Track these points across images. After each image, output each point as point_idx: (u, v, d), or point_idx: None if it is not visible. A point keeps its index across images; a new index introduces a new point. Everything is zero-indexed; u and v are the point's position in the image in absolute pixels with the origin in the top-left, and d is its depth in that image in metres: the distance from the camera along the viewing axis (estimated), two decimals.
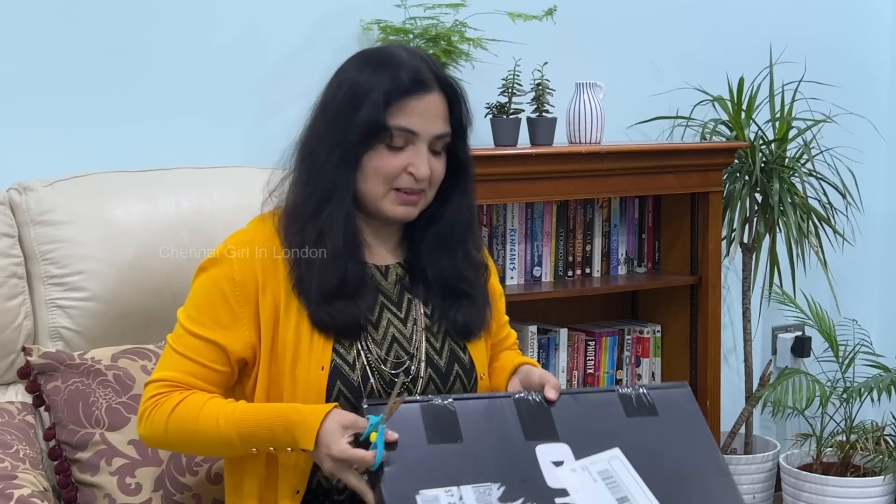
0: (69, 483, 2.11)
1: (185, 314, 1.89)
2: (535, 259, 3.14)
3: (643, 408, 1.88)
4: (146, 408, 1.84)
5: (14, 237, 2.25)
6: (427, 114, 1.84)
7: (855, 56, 3.89)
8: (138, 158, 2.53)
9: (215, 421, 1.79)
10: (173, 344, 1.88)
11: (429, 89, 1.84)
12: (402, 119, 1.82)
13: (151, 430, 1.84)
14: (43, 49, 2.59)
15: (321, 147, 1.86)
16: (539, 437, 1.79)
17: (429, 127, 1.85)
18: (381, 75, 1.83)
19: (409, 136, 1.84)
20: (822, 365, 3.67)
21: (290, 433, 1.74)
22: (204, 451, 2.00)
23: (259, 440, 1.79)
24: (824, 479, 3.44)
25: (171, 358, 1.87)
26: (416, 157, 1.84)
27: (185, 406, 1.82)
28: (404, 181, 1.85)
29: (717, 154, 3.25)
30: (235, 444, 1.79)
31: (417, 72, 1.83)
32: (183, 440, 1.85)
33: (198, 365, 1.85)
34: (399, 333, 1.92)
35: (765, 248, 3.51)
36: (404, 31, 2.89)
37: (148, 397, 1.85)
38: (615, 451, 1.80)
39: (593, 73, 3.14)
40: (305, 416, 1.74)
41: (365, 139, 1.83)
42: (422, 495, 1.67)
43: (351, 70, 1.88)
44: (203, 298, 1.87)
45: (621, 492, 1.75)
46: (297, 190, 1.89)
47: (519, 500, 1.70)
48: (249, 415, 1.79)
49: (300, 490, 1.86)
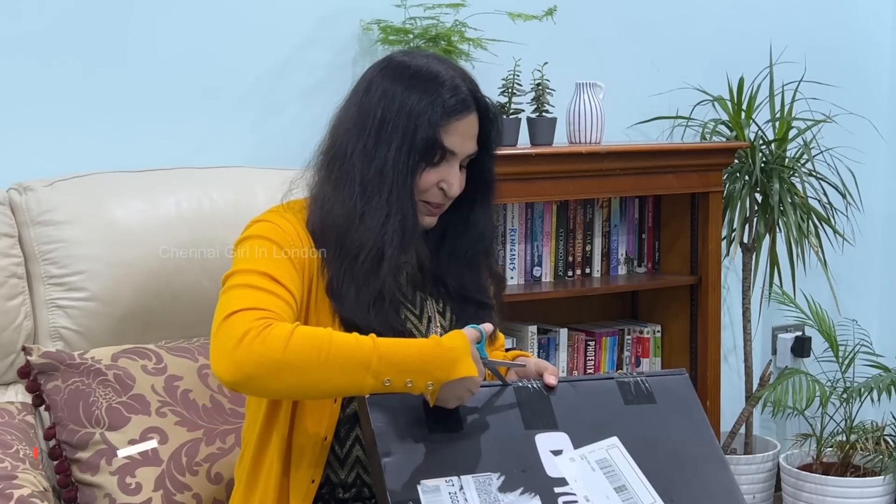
0: (69, 483, 2.11)
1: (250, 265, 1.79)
2: (535, 259, 3.14)
3: (641, 396, 1.90)
4: (252, 328, 1.65)
5: (14, 237, 2.25)
6: (465, 134, 1.89)
7: (855, 56, 3.89)
8: (138, 158, 2.53)
9: (355, 340, 1.69)
10: (244, 282, 1.75)
11: (469, 110, 1.89)
12: (446, 139, 1.87)
13: (263, 348, 1.64)
14: (43, 49, 2.59)
15: (371, 163, 1.85)
16: (538, 426, 1.81)
17: (465, 147, 1.90)
18: (430, 94, 1.86)
19: (449, 156, 1.88)
20: (822, 365, 3.67)
21: (450, 359, 1.69)
22: (325, 378, 1.68)
23: (406, 364, 1.68)
24: (824, 479, 3.44)
25: (248, 294, 1.73)
26: (450, 175, 1.89)
27: (309, 328, 1.70)
28: (435, 195, 1.90)
29: (717, 154, 3.25)
30: (373, 367, 1.67)
31: (459, 91, 1.88)
32: (308, 359, 1.65)
33: (280, 300, 1.75)
34: (416, 330, 1.95)
35: (765, 248, 3.51)
36: (404, 31, 2.89)
37: (254, 319, 1.67)
38: (613, 439, 1.82)
39: (593, 73, 3.14)
40: (458, 342, 1.71)
41: (422, 153, 1.86)
42: (423, 485, 1.69)
43: (395, 85, 1.87)
44: (264, 253, 1.81)
45: (619, 480, 1.78)
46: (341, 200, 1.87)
47: (518, 489, 1.72)
48: (394, 340, 1.72)
49: (315, 479, 1.86)
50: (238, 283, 1.75)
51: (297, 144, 2.24)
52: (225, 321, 1.68)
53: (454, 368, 1.70)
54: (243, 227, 1.93)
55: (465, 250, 1.98)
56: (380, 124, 1.85)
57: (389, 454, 1.72)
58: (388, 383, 1.68)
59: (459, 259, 1.98)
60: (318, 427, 1.86)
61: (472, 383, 1.73)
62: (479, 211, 1.99)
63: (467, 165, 1.93)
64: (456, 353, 1.70)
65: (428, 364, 1.69)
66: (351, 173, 1.86)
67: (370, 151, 1.85)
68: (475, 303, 2.00)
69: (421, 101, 1.85)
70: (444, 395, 1.72)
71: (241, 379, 1.65)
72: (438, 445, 1.75)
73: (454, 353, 1.70)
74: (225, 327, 1.68)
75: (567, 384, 1.89)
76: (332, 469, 1.89)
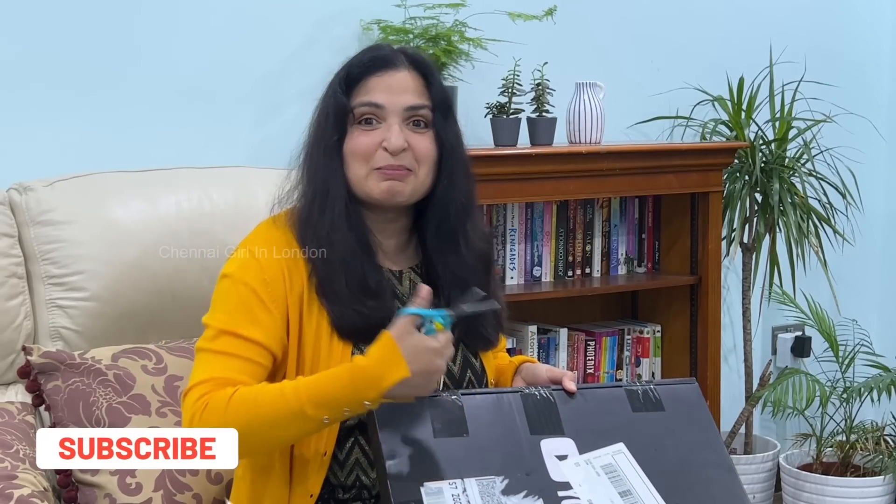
0: (69, 483, 2.11)
1: (216, 318, 1.83)
2: (535, 259, 3.14)
3: (650, 403, 1.90)
4: (196, 409, 1.73)
5: (14, 237, 2.25)
6: (393, 88, 1.85)
7: (855, 56, 3.89)
8: (138, 158, 2.53)
9: (280, 395, 1.71)
10: (208, 347, 1.81)
11: (393, 66, 1.86)
12: (364, 96, 1.85)
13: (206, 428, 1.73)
14: (43, 49, 2.59)
15: (311, 146, 1.89)
16: (544, 432, 1.81)
17: (396, 100, 1.85)
18: (346, 63, 1.88)
19: (375, 110, 1.85)
20: (822, 365, 3.67)
21: (371, 376, 1.67)
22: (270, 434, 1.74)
23: (333, 399, 1.69)
24: (824, 479, 3.44)
25: (209, 360, 1.80)
26: (390, 133, 1.84)
27: (241, 394, 1.73)
28: (381, 158, 1.85)
29: (717, 154, 3.25)
30: (307, 413, 1.69)
31: (379, 50, 1.88)
32: (248, 426, 1.71)
33: (241, 360, 1.78)
34: None
35: (765, 248, 3.51)
36: (404, 31, 2.89)
37: (195, 400, 1.74)
38: (619, 445, 1.82)
39: (593, 73, 3.14)
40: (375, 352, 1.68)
41: (336, 125, 1.85)
42: (426, 487, 1.69)
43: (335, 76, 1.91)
44: (235, 300, 1.83)
45: (624, 485, 1.77)
46: (301, 192, 1.90)
47: (522, 492, 1.72)
48: (314, 380, 1.72)
49: (314, 494, 1.86)
50: (203, 346, 1.82)
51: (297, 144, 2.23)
52: (183, 398, 1.78)
53: (379, 383, 1.67)
54: (243, 228, 1.94)
55: (435, 223, 1.91)
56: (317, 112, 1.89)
57: (394, 456, 1.72)
58: (327, 421, 1.71)
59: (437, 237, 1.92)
60: (318, 443, 1.85)
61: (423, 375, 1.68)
62: (442, 177, 1.90)
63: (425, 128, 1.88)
64: (378, 368, 1.67)
65: (351, 391, 1.68)
66: (304, 164, 1.89)
67: (311, 136, 1.89)
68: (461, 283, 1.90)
69: (338, 72, 1.88)
70: (404, 394, 1.70)
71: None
72: (442, 448, 1.75)
73: (375, 369, 1.67)
74: (183, 406, 1.77)
75: (576, 391, 1.89)
76: (332, 472, 1.89)
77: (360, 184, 1.87)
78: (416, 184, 1.88)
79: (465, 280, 1.91)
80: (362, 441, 1.88)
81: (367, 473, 1.89)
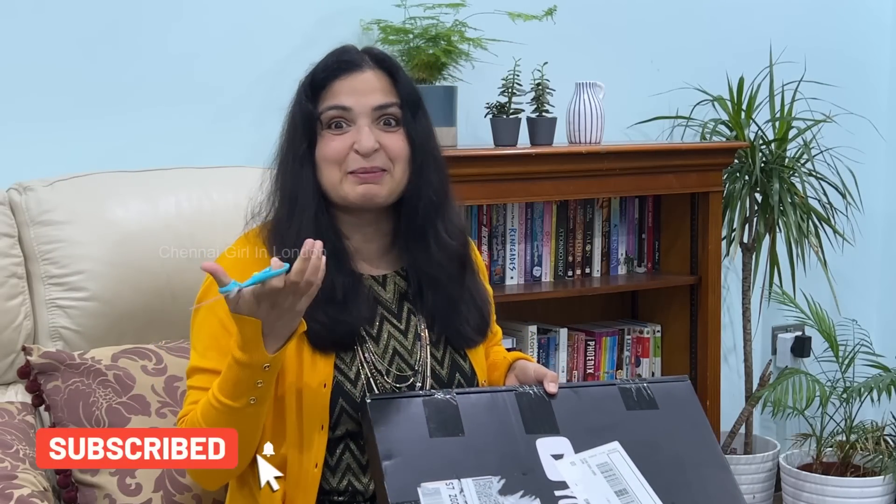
0: (69, 483, 2.11)
1: (192, 356, 1.88)
2: (535, 259, 3.14)
3: (643, 401, 1.90)
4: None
5: (14, 237, 2.25)
6: (358, 90, 1.83)
7: (855, 56, 3.89)
8: (138, 158, 2.53)
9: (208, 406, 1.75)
10: (188, 384, 1.87)
11: (357, 67, 1.85)
12: (331, 100, 1.84)
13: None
14: (43, 49, 2.59)
15: (282, 156, 1.88)
16: (539, 431, 1.81)
17: (363, 101, 1.83)
18: (310, 70, 1.87)
19: (343, 112, 1.83)
20: (822, 365, 3.67)
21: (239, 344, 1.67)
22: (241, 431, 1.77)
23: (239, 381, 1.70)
24: (824, 479, 3.44)
25: (188, 397, 1.86)
26: (360, 135, 1.82)
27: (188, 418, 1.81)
28: (353, 161, 1.83)
29: (717, 154, 3.25)
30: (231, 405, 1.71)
31: (343, 54, 1.86)
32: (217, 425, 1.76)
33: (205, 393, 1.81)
34: (400, 346, 1.91)
35: (765, 248, 3.51)
36: (404, 31, 2.89)
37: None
38: (614, 444, 1.83)
39: (593, 73, 3.14)
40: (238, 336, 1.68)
41: (304, 133, 1.84)
42: (423, 488, 1.70)
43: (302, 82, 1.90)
44: (205, 333, 1.85)
45: (620, 484, 1.78)
46: (272, 202, 1.89)
47: (518, 492, 1.72)
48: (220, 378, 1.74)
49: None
50: (189, 385, 1.87)
51: None
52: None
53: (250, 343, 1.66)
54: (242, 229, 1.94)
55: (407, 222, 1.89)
56: (286, 123, 1.88)
57: (390, 457, 1.72)
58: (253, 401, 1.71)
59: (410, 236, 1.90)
60: (308, 456, 1.84)
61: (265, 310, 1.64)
62: (413, 180, 1.87)
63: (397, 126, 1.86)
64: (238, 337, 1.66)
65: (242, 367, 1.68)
66: (278, 183, 1.88)
67: (281, 146, 1.88)
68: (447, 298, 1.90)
69: (303, 79, 1.87)
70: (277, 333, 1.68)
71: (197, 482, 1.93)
72: (439, 448, 1.75)
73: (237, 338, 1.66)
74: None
75: (569, 390, 1.89)
76: (324, 478, 1.87)
77: (334, 189, 1.85)
78: (392, 184, 1.86)
79: (435, 278, 1.89)
80: (353, 446, 1.87)
81: (360, 478, 1.87)
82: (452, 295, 1.92)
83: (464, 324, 1.93)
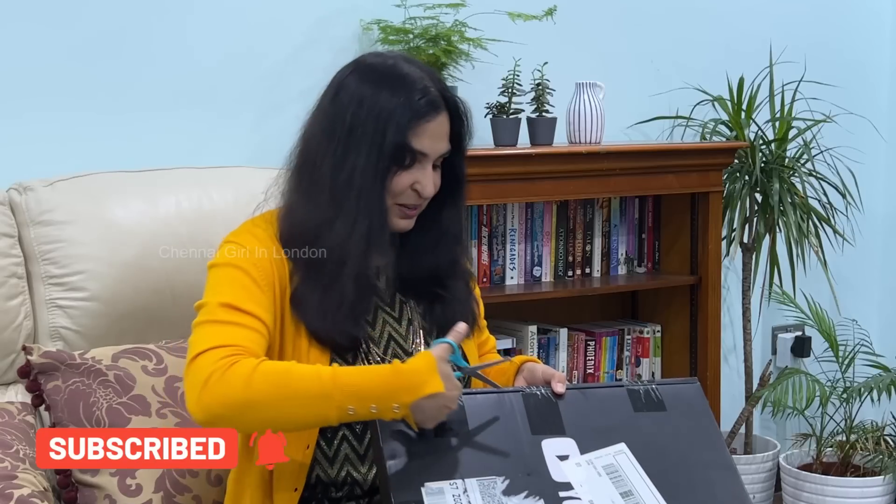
0: (69, 483, 2.11)
1: (214, 296, 1.80)
2: (535, 259, 3.14)
3: (651, 403, 1.90)
4: (217, 368, 1.68)
5: (14, 237, 2.25)
6: (436, 135, 1.87)
7: (855, 56, 3.89)
8: (138, 158, 2.53)
9: (315, 373, 1.70)
10: (211, 318, 1.77)
11: (439, 110, 1.86)
12: (417, 142, 1.84)
13: (226, 389, 1.67)
14: (43, 49, 2.59)
15: (341, 170, 1.84)
16: (545, 432, 1.81)
17: (436, 147, 1.87)
18: (399, 97, 1.83)
19: (419, 156, 1.86)
20: (822, 365, 3.67)
21: (410, 381, 1.68)
22: (287, 409, 1.70)
23: (368, 392, 1.69)
24: (824, 479, 3.44)
25: (215, 330, 1.75)
26: (423, 176, 1.86)
27: (270, 364, 1.71)
28: (409, 197, 1.87)
29: (717, 154, 3.25)
30: (334, 398, 1.68)
31: (428, 92, 1.85)
32: (269, 396, 1.68)
33: (248, 330, 1.76)
34: (395, 332, 1.94)
35: (765, 248, 3.51)
36: (404, 31, 2.89)
37: (218, 358, 1.69)
38: (621, 445, 1.82)
39: (593, 73, 3.14)
40: (417, 362, 1.71)
41: (392, 156, 1.84)
42: (427, 487, 1.70)
43: (364, 88, 1.86)
44: (229, 281, 1.82)
45: (625, 486, 1.78)
46: (311, 208, 1.86)
47: (523, 493, 1.72)
48: (352, 369, 1.73)
49: (298, 488, 1.86)
50: (205, 319, 1.78)
51: None
52: (192, 362, 1.72)
53: (417, 389, 1.68)
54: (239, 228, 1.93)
55: (425, 245, 1.95)
56: (349, 130, 1.84)
57: (394, 457, 1.73)
58: (351, 412, 1.69)
59: (424, 256, 1.95)
60: (299, 437, 1.84)
61: (446, 399, 1.71)
62: (448, 209, 1.95)
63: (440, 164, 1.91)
64: (419, 375, 1.69)
65: (389, 389, 1.69)
66: (321, 181, 1.85)
67: (339, 158, 1.84)
68: (438, 297, 1.97)
69: (389, 103, 1.83)
70: (419, 417, 1.72)
71: (212, 419, 1.70)
72: (443, 449, 1.75)
73: (417, 375, 1.69)
74: (192, 369, 1.71)
75: (577, 391, 1.89)
76: (322, 468, 1.89)
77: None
78: (419, 213, 1.92)
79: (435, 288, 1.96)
80: (350, 436, 1.88)
81: (357, 468, 1.89)
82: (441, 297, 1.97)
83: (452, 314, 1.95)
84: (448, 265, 1.97)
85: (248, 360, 1.69)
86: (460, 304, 1.98)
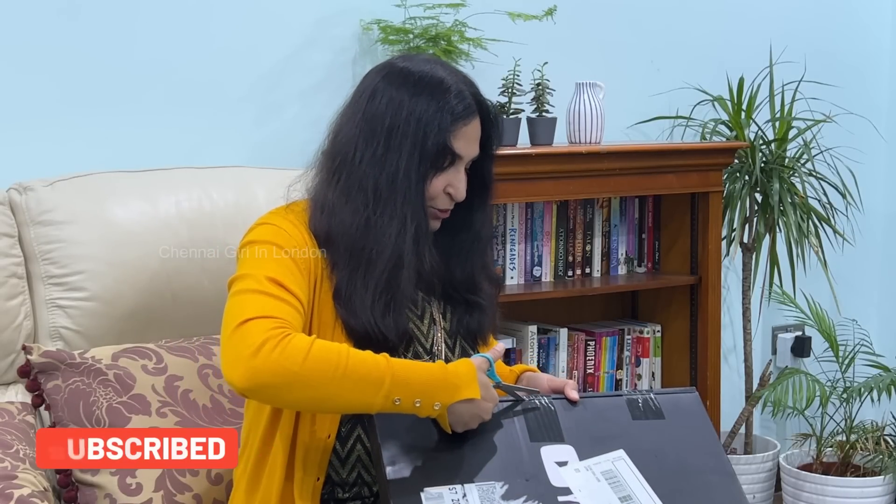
0: (69, 483, 2.11)
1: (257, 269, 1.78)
2: (535, 259, 3.14)
3: (650, 411, 1.91)
4: (273, 336, 1.65)
5: (14, 237, 2.25)
6: (471, 138, 1.91)
7: (855, 56, 3.89)
8: (138, 158, 2.53)
9: (371, 358, 1.70)
10: (257, 288, 1.74)
11: (474, 114, 1.91)
12: (455, 144, 1.88)
13: (282, 359, 1.64)
14: (43, 49, 2.59)
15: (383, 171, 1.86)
16: (544, 439, 1.82)
17: (470, 150, 1.91)
18: (438, 100, 1.87)
19: (455, 158, 1.89)
20: (822, 365, 3.67)
21: (455, 382, 1.73)
22: (336, 391, 1.68)
23: (418, 384, 1.71)
24: (824, 479, 3.44)
25: (264, 301, 1.73)
26: (456, 179, 1.90)
27: (325, 342, 1.70)
28: (442, 201, 1.91)
29: (717, 154, 3.25)
30: (384, 384, 1.68)
31: (464, 96, 1.89)
32: (324, 374, 1.66)
33: (292, 308, 1.75)
34: (417, 329, 1.95)
35: (765, 248, 3.51)
36: (404, 31, 2.89)
37: (272, 327, 1.67)
38: (619, 452, 1.83)
39: (593, 73, 3.14)
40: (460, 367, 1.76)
41: (436, 157, 1.87)
42: (426, 492, 1.71)
43: (401, 92, 1.88)
44: (269, 257, 1.81)
45: (624, 490, 1.78)
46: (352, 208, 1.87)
47: (521, 497, 1.73)
48: (405, 360, 1.76)
49: (320, 477, 1.87)
50: (247, 288, 1.75)
51: (297, 144, 2.24)
52: (240, 327, 1.68)
53: (458, 391, 1.73)
54: (243, 228, 1.93)
55: (458, 250, 1.99)
56: (388, 132, 1.86)
57: (394, 462, 1.73)
58: (397, 402, 1.70)
59: (452, 258, 1.98)
60: (322, 426, 1.86)
61: (480, 408, 1.76)
62: (477, 212, 2.00)
63: (469, 168, 1.94)
64: (461, 378, 1.74)
65: (434, 386, 1.72)
66: (362, 181, 1.86)
67: (380, 159, 1.86)
68: (466, 301, 2.00)
69: (429, 107, 1.86)
70: (453, 420, 1.75)
71: (256, 387, 1.66)
72: (442, 454, 1.76)
73: (459, 378, 1.74)
74: (241, 334, 1.67)
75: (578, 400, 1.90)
76: (334, 468, 1.90)
77: None
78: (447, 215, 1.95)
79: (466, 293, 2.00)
80: (364, 438, 1.89)
81: (369, 470, 1.90)
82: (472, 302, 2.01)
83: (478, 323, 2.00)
84: (481, 268, 2.01)
85: (304, 337, 1.68)
86: (487, 310, 2.01)
